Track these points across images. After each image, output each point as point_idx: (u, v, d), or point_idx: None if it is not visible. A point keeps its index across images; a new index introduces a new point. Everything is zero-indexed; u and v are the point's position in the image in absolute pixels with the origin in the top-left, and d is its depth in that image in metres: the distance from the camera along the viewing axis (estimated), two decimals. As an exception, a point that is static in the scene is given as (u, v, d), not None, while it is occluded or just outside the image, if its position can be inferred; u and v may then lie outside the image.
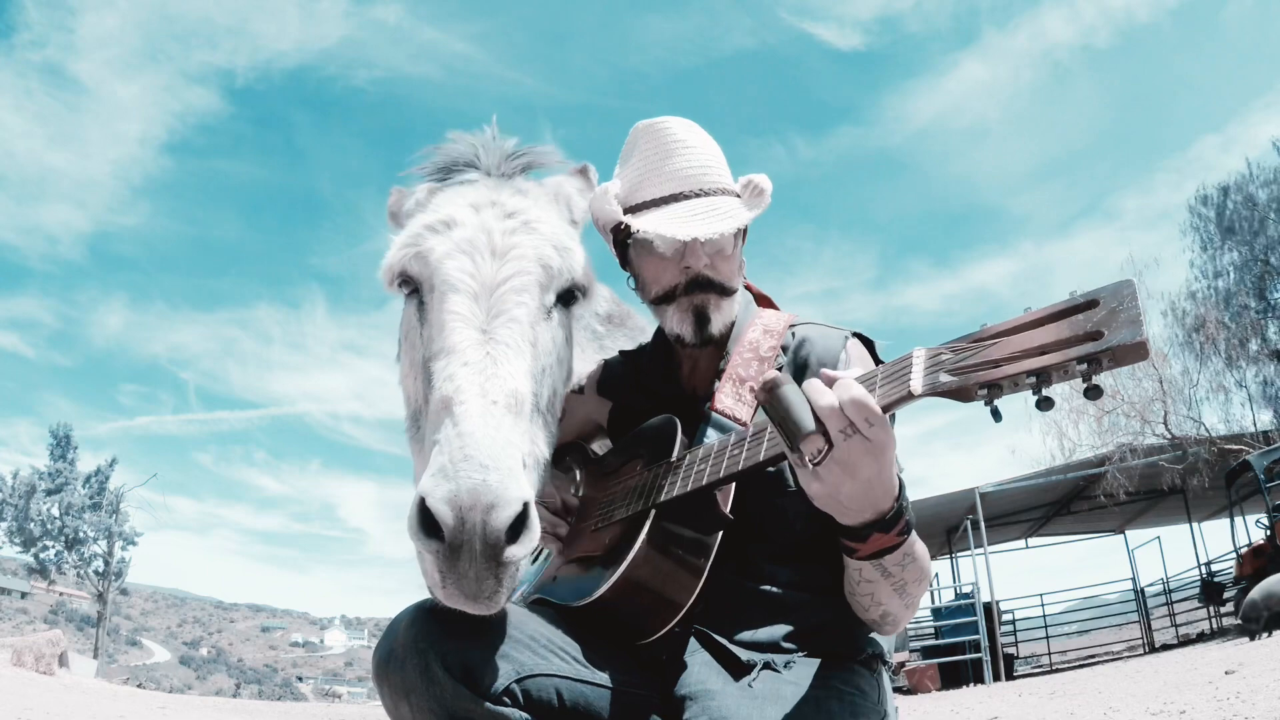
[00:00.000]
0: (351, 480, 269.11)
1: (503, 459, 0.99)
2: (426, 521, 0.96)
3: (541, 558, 1.42)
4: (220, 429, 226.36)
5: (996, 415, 0.94)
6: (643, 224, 1.39)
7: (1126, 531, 20.34)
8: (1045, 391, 0.88)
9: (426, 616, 1.10)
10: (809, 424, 0.99)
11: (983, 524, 14.73)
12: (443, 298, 1.17)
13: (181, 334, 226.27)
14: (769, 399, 1.02)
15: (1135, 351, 0.82)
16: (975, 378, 0.91)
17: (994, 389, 0.90)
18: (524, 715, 1.09)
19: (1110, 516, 19.15)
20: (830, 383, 1.02)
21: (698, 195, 1.44)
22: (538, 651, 1.14)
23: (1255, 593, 10.66)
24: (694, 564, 1.22)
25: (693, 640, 1.29)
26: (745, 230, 1.49)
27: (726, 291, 1.45)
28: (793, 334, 1.50)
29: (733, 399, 1.43)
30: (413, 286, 1.26)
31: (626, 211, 1.45)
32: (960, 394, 0.92)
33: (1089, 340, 0.85)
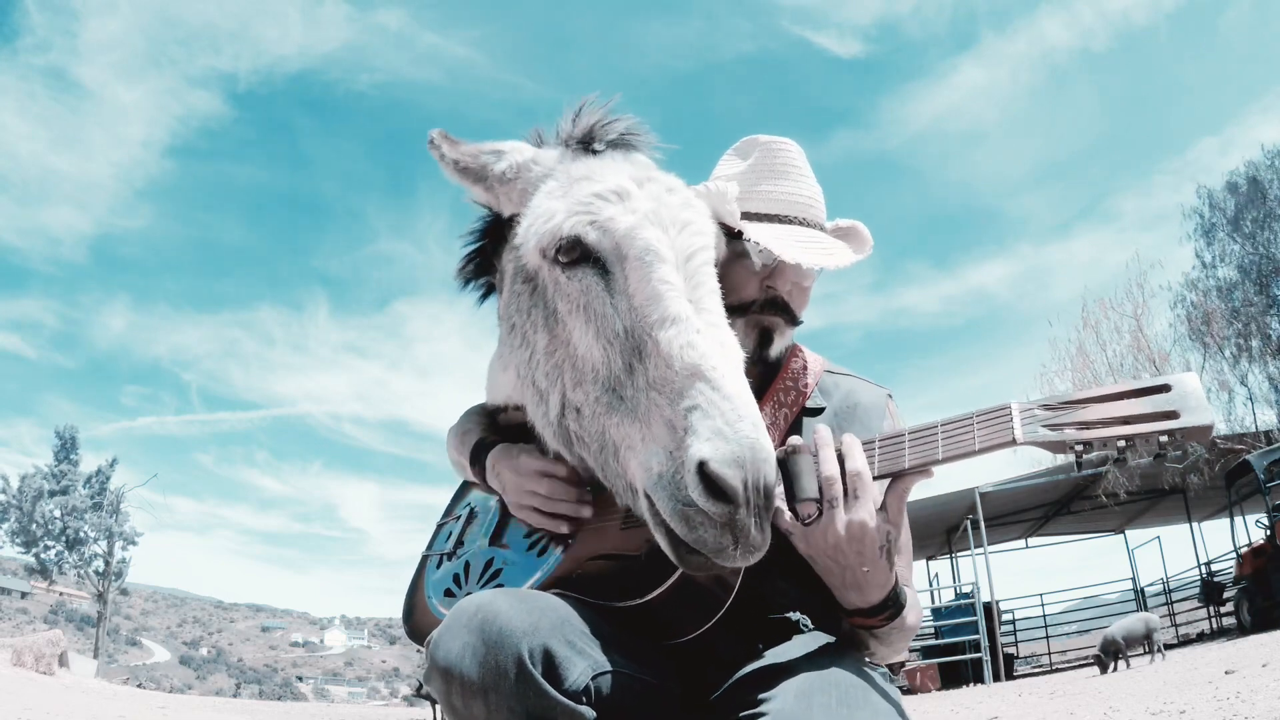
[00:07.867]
0: (353, 481, 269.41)
1: (760, 419, 1.04)
2: (712, 486, 0.99)
3: (538, 547, 1.39)
4: (222, 429, 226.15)
5: (1079, 468, 1.14)
6: (761, 236, 1.40)
7: (1126, 531, 20.36)
8: (1127, 455, 1.06)
9: (504, 608, 1.06)
10: (811, 490, 1.14)
11: (983, 524, 14.74)
12: (649, 267, 1.15)
13: (184, 335, 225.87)
14: (787, 458, 1.16)
15: (1204, 433, 1.01)
16: (1072, 435, 1.05)
17: (1087, 447, 1.05)
18: (593, 713, 1.06)
19: (1110, 516, 19.15)
20: (847, 452, 1.16)
21: (802, 224, 1.47)
22: (600, 646, 1.12)
23: (1114, 630, 11.03)
24: (728, 578, 1.21)
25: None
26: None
27: (794, 321, 1.50)
28: (836, 382, 1.56)
29: (769, 420, 1.46)
30: (581, 254, 1.20)
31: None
32: (1056, 447, 1.06)
33: (1167, 418, 1.02)
